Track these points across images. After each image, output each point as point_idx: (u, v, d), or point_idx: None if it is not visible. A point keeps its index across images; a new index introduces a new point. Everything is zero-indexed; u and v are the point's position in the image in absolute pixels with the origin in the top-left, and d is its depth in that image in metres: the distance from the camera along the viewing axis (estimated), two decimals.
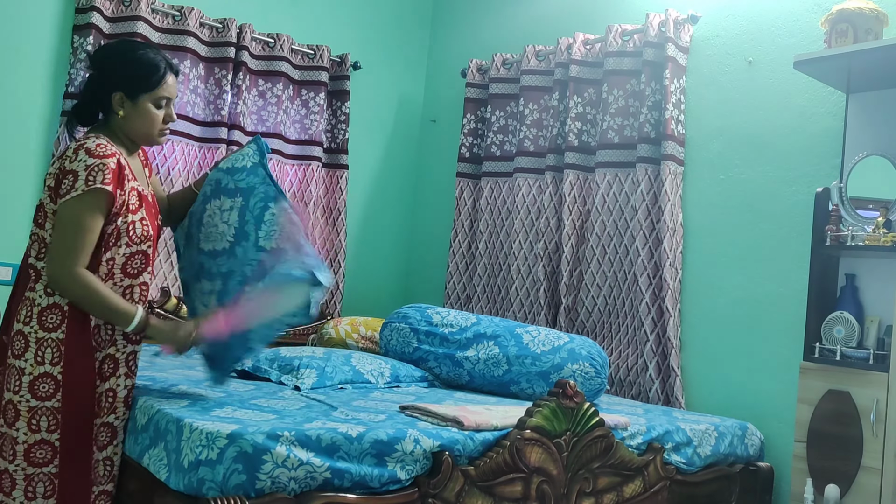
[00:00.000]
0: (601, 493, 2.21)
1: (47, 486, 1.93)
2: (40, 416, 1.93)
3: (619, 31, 3.34)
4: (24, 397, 1.93)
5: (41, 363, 1.94)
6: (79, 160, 1.93)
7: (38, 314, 1.95)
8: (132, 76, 2.03)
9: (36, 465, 1.93)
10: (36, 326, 1.95)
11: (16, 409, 1.93)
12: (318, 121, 3.95)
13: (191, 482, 1.68)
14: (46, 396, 1.93)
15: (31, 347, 1.94)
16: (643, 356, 3.08)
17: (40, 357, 1.94)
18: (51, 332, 1.95)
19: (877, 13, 2.46)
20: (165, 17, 3.55)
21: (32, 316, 1.96)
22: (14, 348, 1.96)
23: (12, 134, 3.27)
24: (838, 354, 2.41)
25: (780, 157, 2.89)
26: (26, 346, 1.95)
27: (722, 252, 3.02)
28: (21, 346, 1.95)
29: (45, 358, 1.94)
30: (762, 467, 2.64)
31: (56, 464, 1.94)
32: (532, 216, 3.60)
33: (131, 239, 2.03)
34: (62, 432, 1.94)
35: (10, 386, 1.95)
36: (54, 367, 1.94)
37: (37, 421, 1.93)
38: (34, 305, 1.96)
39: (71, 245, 1.91)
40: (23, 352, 1.95)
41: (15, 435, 1.93)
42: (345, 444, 1.80)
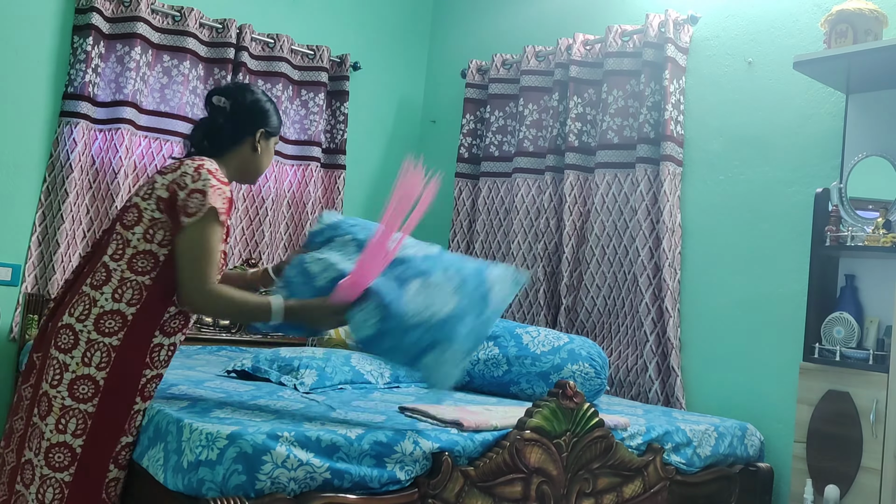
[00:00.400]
0: (601, 493, 2.21)
1: (56, 492, 1.89)
2: (70, 417, 1.90)
3: (618, 31, 3.34)
4: (61, 394, 1.90)
5: (87, 364, 1.91)
6: (203, 180, 1.95)
7: (96, 315, 1.93)
8: (272, 119, 2.20)
9: (52, 468, 1.90)
10: (91, 327, 1.93)
11: (49, 403, 1.91)
12: (318, 121, 3.95)
13: (190, 483, 1.68)
14: (83, 399, 1.90)
15: (80, 346, 1.92)
16: (643, 357, 3.08)
17: (87, 358, 1.91)
18: (106, 336, 1.93)
19: (876, 14, 2.46)
20: (165, 17, 3.55)
21: (89, 315, 1.93)
22: (60, 341, 1.93)
23: (12, 134, 3.27)
24: (838, 355, 2.41)
25: (779, 158, 2.89)
26: (75, 343, 1.92)
27: (722, 252, 3.02)
28: (69, 341, 1.92)
29: (93, 360, 1.91)
30: (762, 468, 2.64)
31: (71, 472, 1.90)
32: (532, 217, 3.60)
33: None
34: (87, 440, 1.90)
35: (48, 377, 1.93)
36: (99, 371, 1.91)
37: (65, 422, 1.90)
38: (94, 305, 1.94)
39: (206, 265, 1.94)
40: (70, 347, 1.92)
41: (43, 430, 1.91)
42: (344, 445, 1.80)
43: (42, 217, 3.31)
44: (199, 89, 3.62)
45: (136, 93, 3.43)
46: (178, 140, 3.55)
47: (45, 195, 3.32)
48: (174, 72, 3.56)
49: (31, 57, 3.30)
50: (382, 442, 1.85)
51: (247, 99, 2.19)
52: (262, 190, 3.80)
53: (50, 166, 3.31)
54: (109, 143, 3.39)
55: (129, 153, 3.42)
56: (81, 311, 1.95)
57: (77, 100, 3.31)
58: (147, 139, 3.51)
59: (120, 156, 3.38)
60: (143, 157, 3.51)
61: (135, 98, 3.43)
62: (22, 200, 3.29)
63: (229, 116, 2.15)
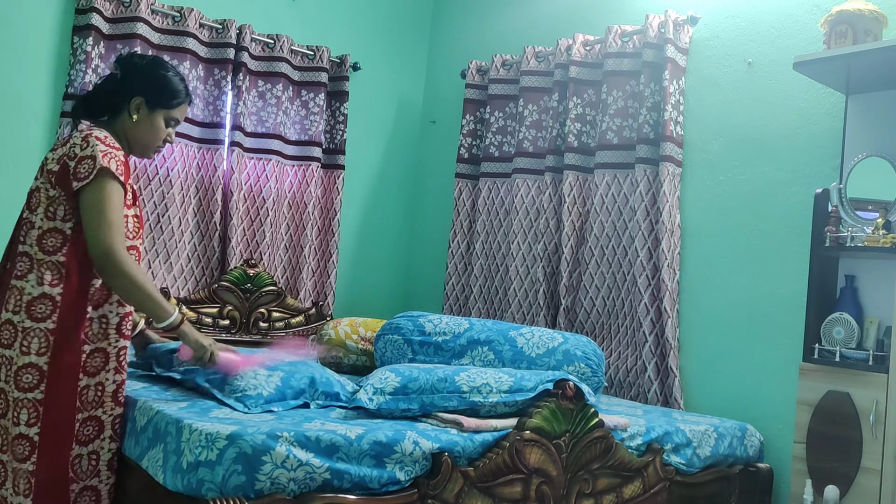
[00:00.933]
0: (601, 494, 2.21)
1: (24, 483, 1.92)
2: (20, 408, 1.92)
3: (618, 32, 3.34)
4: (10, 387, 1.93)
5: (26, 353, 1.93)
6: (91, 146, 1.96)
7: (26, 303, 1.94)
8: (157, 88, 2.13)
9: (18, 461, 1.92)
10: (24, 316, 1.94)
11: (6, 399, 1.94)
12: (318, 121, 3.95)
13: (190, 483, 1.68)
14: (29, 388, 1.92)
15: (17, 336, 1.94)
16: (642, 357, 3.08)
17: (25, 347, 1.93)
18: (39, 321, 1.94)
19: (876, 14, 2.46)
20: (165, 17, 3.55)
21: (21, 305, 1.95)
22: (3, 338, 1.95)
23: (12, 134, 3.26)
24: (838, 355, 2.41)
25: (779, 159, 2.89)
26: (14, 336, 1.94)
27: (721, 253, 3.02)
28: (10, 335, 1.94)
29: (31, 348, 1.93)
30: (761, 468, 2.64)
31: (33, 461, 1.92)
32: (531, 217, 3.60)
33: (130, 232, 2.06)
34: (42, 426, 1.92)
35: (1, 375, 1.96)
36: (40, 357, 1.93)
37: (17, 414, 1.92)
38: (23, 294, 1.95)
39: (110, 223, 1.93)
40: (11, 341, 1.94)
41: (6, 425, 1.94)
42: (344, 445, 1.80)
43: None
44: (199, 90, 3.62)
45: None
46: (177, 140, 3.55)
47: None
48: None
49: (31, 57, 3.30)
50: (382, 442, 1.85)
51: (135, 62, 2.16)
52: (263, 190, 3.80)
53: None
54: None
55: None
56: (14, 303, 1.96)
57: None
58: None
59: None
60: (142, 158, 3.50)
61: None
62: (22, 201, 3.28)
63: (109, 82, 2.15)
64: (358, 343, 3.29)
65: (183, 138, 3.57)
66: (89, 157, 1.95)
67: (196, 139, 3.62)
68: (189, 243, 3.58)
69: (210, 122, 3.64)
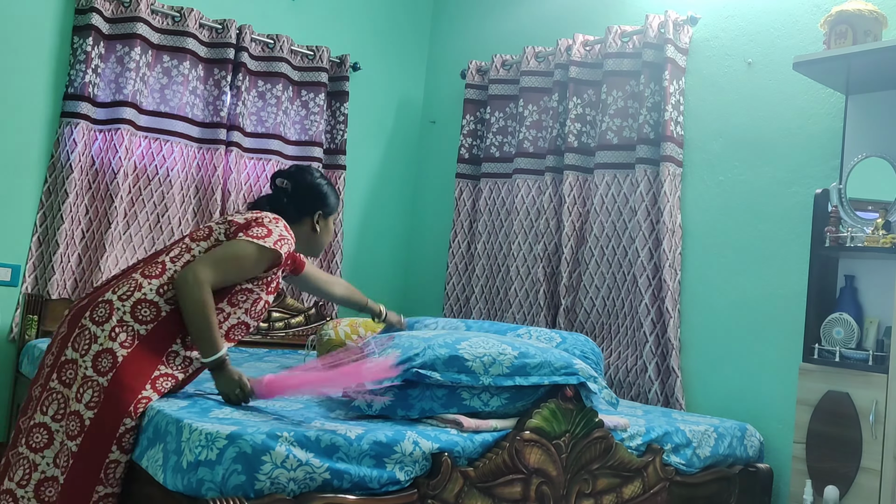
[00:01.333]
0: (600, 494, 2.21)
1: (65, 459, 1.96)
2: (86, 388, 1.98)
3: (618, 32, 3.34)
4: (86, 363, 2.00)
5: (112, 339, 2.02)
6: (278, 227, 2.19)
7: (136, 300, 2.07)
8: (329, 202, 2.43)
9: (68, 437, 1.97)
10: (128, 307, 2.06)
11: (76, 371, 2.01)
12: (318, 122, 3.95)
13: (190, 483, 1.68)
14: (102, 371, 2.00)
15: (111, 321, 2.04)
16: (642, 357, 3.08)
17: (114, 335, 2.02)
18: (137, 322, 2.05)
19: (876, 15, 2.47)
20: (165, 17, 3.55)
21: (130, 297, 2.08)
22: (95, 314, 2.06)
23: (12, 134, 3.27)
24: (837, 356, 2.41)
25: (779, 159, 2.89)
26: (108, 318, 2.04)
27: (721, 253, 3.02)
28: (104, 314, 2.05)
29: (118, 338, 2.02)
30: (761, 468, 2.64)
31: (78, 442, 1.96)
32: (532, 217, 3.60)
33: (251, 309, 2.22)
34: (97, 412, 1.97)
35: (77, 346, 2.03)
36: (123, 348, 2.01)
37: (82, 392, 1.98)
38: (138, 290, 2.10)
39: (222, 267, 2.08)
40: (103, 321, 2.04)
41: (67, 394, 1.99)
42: (344, 445, 1.80)
43: (43, 218, 3.31)
44: (198, 90, 3.62)
45: (135, 93, 3.43)
46: (177, 140, 3.55)
47: (45, 196, 3.32)
48: (174, 72, 3.56)
49: (32, 57, 3.30)
50: (382, 442, 1.85)
51: (306, 181, 2.41)
52: (263, 190, 3.80)
53: (51, 167, 3.31)
54: (109, 143, 3.39)
55: (129, 153, 3.42)
56: (125, 290, 2.09)
57: (77, 100, 3.31)
58: (147, 139, 3.51)
59: (120, 156, 3.38)
60: (142, 158, 3.51)
61: (135, 98, 3.43)
62: (22, 201, 3.29)
63: (290, 196, 2.37)
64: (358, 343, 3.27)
65: (182, 138, 3.57)
66: (268, 228, 2.16)
67: (196, 139, 3.62)
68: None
69: (210, 122, 3.64)
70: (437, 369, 2.05)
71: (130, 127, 3.41)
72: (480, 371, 2.07)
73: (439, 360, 2.05)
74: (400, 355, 2.08)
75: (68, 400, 2.00)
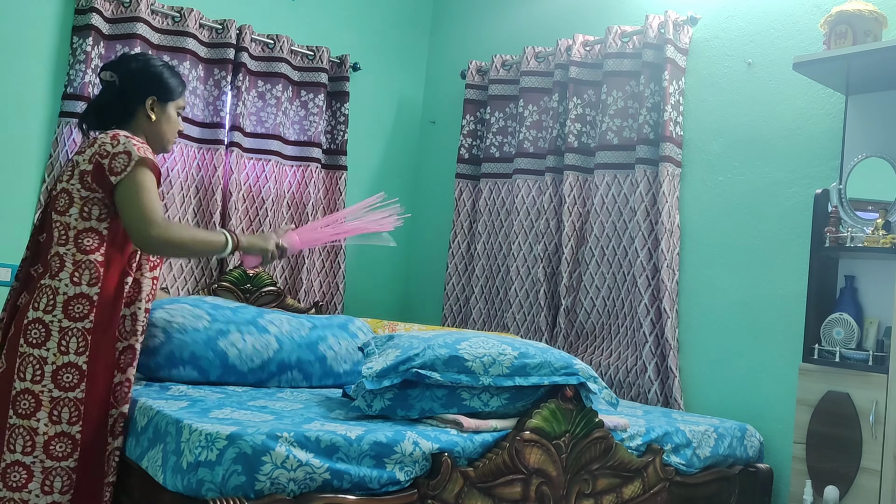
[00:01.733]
0: (600, 494, 2.21)
1: (65, 480, 1.95)
2: (62, 407, 1.95)
3: (618, 32, 3.34)
4: (47, 387, 1.94)
5: (65, 353, 1.96)
6: (122, 143, 2.02)
7: (63, 303, 1.97)
8: (164, 84, 2.20)
9: (55, 459, 1.94)
10: (60, 315, 1.97)
11: (37, 399, 1.94)
12: (318, 122, 3.95)
13: (190, 483, 1.68)
14: (70, 387, 1.96)
15: (52, 336, 1.96)
16: (642, 357, 3.08)
17: (64, 346, 1.96)
18: (77, 321, 1.98)
19: (876, 15, 2.47)
20: (165, 18, 3.55)
21: (56, 304, 1.97)
22: (30, 336, 1.96)
23: (12, 134, 3.27)
24: (837, 356, 2.41)
25: (779, 159, 2.89)
26: (48, 335, 1.96)
27: (721, 253, 3.02)
28: (41, 334, 1.96)
29: (70, 347, 1.97)
30: (761, 469, 2.64)
31: (75, 458, 1.95)
32: (532, 217, 3.60)
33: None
34: (83, 424, 1.96)
35: (24, 375, 1.95)
36: (79, 356, 1.97)
37: (59, 412, 1.95)
38: (57, 294, 1.98)
39: (148, 207, 1.98)
40: (43, 340, 1.96)
41: (35, 426, 1.93)
42: (344, 446, 1.80)
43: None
44: (198, 90, 3.62)
45: None
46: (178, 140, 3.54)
47: (44, 195, 3.31)
48: None
49: (31, 57, 3.30)
50: (382, 442, 1.85)
51: (132, 67, 2.20)
52: (263, 191, 3.80)
53: (49, 166, 3.31)
54: None
55: None
56: (46, 302, 1.98)
57: (76, 100, 3.31)
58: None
59: None
60: None
61: None
62: (22, 201, 3.29)
63: (118, 90, 2.18)
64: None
65: (183, 138, 3.56)
66: (123, 152, 2.00)
67: (196, 139, 3.62)
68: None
69: (210, 123, 3.64)
70: (436, 369, 2.04)
71: None
72: (480, 371, 2.07)
73: (439, 360, 2.05)
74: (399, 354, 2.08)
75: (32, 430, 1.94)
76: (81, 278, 1.99)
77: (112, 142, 2.02)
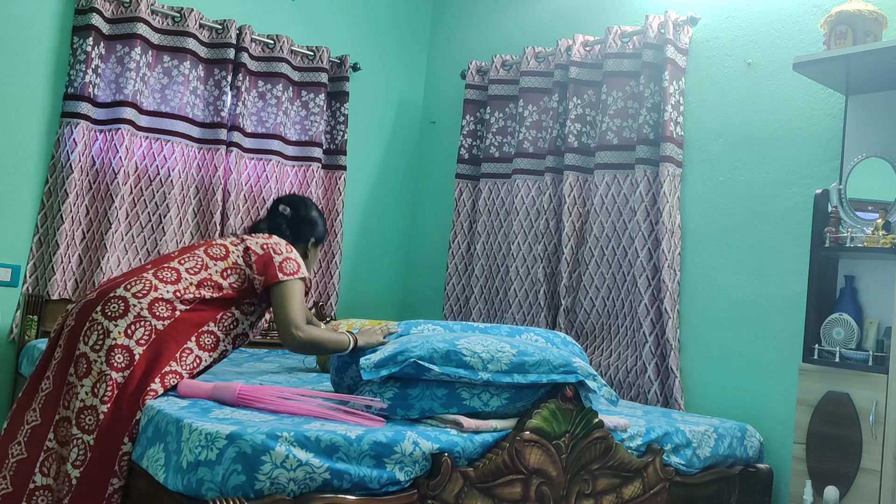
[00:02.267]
0: (600, 494, 2.21)
1: (80, 453, 1.99)
2: (101, 383, 2.03)
3: (618, 32, 3.34)
4: (100, 358, 2.06)
5: (129, 336, 2.09)
6: (294, 255, 2.38)
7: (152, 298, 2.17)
8: (321, 230, 2.65)
9: (81, 430, 2.00)
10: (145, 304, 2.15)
11: (89, 366, 2.06)
12: (318, 122, 3.95)
13: (189, 483, 1.68)
14: (118, 367, 2.05)
15: (127, 317, 2.11)
16: (642, 358, 3.08)
17: (130, 331, 2.09)
18: (155, 318, 2.14)
19: (876, 15, 2.47)
20: (165, 18, 3.55)
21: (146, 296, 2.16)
22: (108, 309, 2.12)
23: (12, 134, 3.27)
24: (837, 356, 2.41)
25: (779, 159, 2.89)
26: (124, 313, 2.12)
27: (721, 253, 3.02)
28: (118, 310, 2.12)
29: (135, 334, 2.10)
30: (761, 469, 2.64)
31: (94, 436, 1.99)
32: (531, 218, 3.60)
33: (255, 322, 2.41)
34: (112, 407, 2.02)
35: (88, 340, 2.08)
36: (139, 345, 2.09)
37: (98, 387, 2.03)
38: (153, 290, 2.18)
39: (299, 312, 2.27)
40: (118, 316, 2.11)
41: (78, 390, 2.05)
42: (344, 446, 1.80)
43: (43, 218, 3.31)
44: (199, 90, 3.62)
45: (136, 93, 3.43)
46: (178, 140, 3.55)
47: (46, 196, 3.32)
48: (174, 72, 3.56)
49: (32, 58, 3.31)
50: (382, 442, 1.85)
51: (306, 211, 2.63)
52: (263, 191, 3.81)
53: (51, 167, 3.31)
54: (109, 143, 3.39)
55: (130, 154, 3.42)
56: (139, 289, 2.17)
57: (77, 100, 3.31)
58: (147, 140, 3.51)
59: (120, 156, 3.38)
60: (143, 158, 3.51)
61: (135, 99, 3.43)
62: (23, 201, 3.29)
63: (289, 222, 2.58)
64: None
65: (183, 139, 3.57)
66: (294, 260, 2.36)
67: (196, 139, 3.62)
68: (189, 244, 3.58)
69: (210, 123, 3.65)
70: (435, 362, 2.04)
71: (131, 127, 3.41)
72: (479, 366, 2.07)
73: (437, 353, 2.05)
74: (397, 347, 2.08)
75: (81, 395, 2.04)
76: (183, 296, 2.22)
77: (287, 248, 2.38)
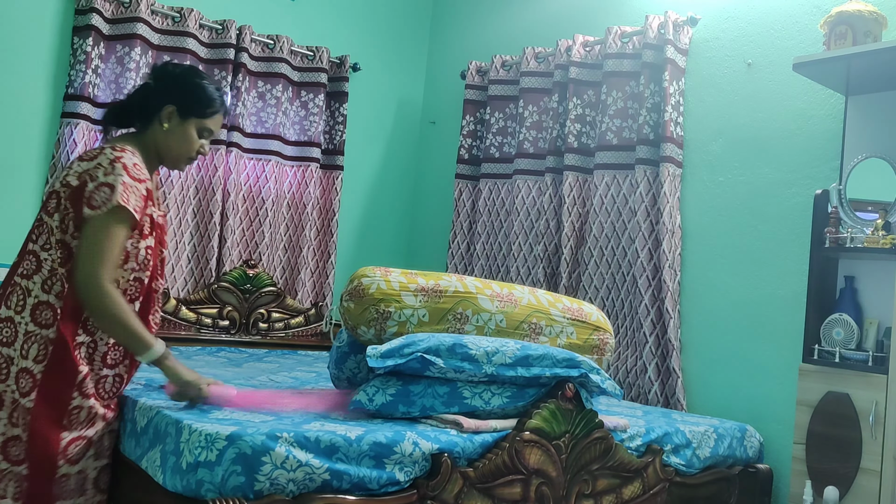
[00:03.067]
0: (600, 494, 2.21)
1: (16, 487, 1.89)
2: (19, 412, 1.89)
3: (618, 32, 3.34)
4: (11, 388, 1.89)
5: (24, 357, 1.91)
6: (116, 174, 1.91)
7: (32, 306, 1.92)
8: (190, 96, 2.07)
9: (10, 462, 1.89)
10: (28, 318, 1.92)
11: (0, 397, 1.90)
12: (317, 122, 3.95)
13: (189, 484, 1.68)
14: (24, 393, 1.89)
15: (19, 338, 1.91)
16: (642, 358, 3.08)
17: (25, 351, 1.91)
18: (42, 328, 1.92)
19: (875, 15, 2.47)
20: (165, 18, 3.55)
21: (25, 307, 1.92)
22: (3, 334, 1.92)
23: (12, 134, 3.27)
24: (837, 356, 2.41)
25: (779, 159, 2.89)
26: (15, 336, 1.91)
27: (721, 254, 3.02)
28: (10, 334, 1.91)
29: (30, 353, 1.91)
30: (761, 469, 2.64)
31: (27, 466, 1.89)
32: (531, 218, 3.60)
33: (136, 262, 2.01)
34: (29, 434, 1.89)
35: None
36: (37, 364, 1.90)
37: (17, 417, 1.89)
38: (28, 295, 1.93)
39: (103, 256, 1.89)
40: (12, 341, 1.91)
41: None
42: (343, 446, 1.80)
43: None
44: None
45: None
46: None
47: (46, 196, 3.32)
48: None
49: (32, 58, 3.31)
50: (382, 443, 1.85)
51: (169, 71, 2.11)
52: (262, 191, 3.81)
53: (51, 167, 3.31)
54: None
55: None
56: (17, 302, 1.93)
57: (77, 100, 3.31)
58: None
59: None
60: None
61: None
62: (23, 201, 3.29)
63: (141, 91, 2.10)
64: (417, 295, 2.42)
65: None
66: (108, 185, 1.90)
67: None
68: (189, 244, 3.58)
69: None
70: (440, 355, 2.04)
71: None
72: (483, 360, 2.07)
73: (443, 346, 2.05)
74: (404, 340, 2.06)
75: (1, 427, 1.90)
76: (52, 288, 1.93)
77: (108, 167, 1.92)
